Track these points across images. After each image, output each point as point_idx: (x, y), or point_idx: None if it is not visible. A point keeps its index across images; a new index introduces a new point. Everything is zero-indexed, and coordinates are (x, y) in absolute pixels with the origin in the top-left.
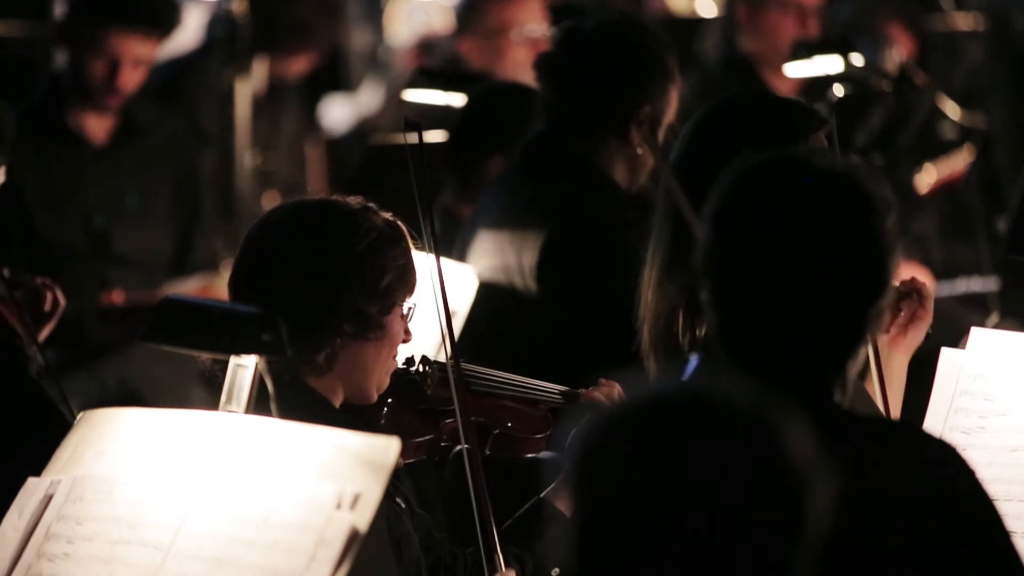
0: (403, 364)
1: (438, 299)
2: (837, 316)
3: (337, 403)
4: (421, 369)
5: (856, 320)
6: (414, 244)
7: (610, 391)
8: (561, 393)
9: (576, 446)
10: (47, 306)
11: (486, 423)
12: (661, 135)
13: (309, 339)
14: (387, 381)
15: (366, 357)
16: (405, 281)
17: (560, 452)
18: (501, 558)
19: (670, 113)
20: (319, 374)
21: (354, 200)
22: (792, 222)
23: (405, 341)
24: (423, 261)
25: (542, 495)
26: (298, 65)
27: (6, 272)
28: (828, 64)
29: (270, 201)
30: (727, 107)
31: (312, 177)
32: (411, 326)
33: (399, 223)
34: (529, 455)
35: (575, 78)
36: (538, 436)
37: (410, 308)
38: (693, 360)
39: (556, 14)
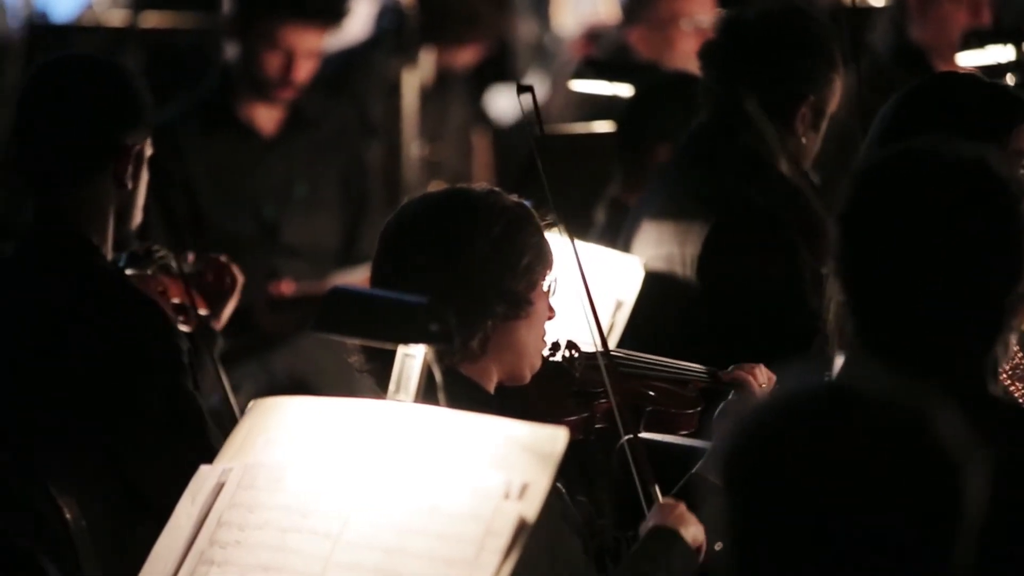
0: (551, 347)
1: (580, 282)
2: (978, 305)
3: (491, 388)
4: (567, 354)
5: (998, 307)
6: (546, 227)
7: (755, 372)
8: (707, 372)
9: (727, 444)
10: (225, 285)
11: (638, 402)
12: (824, 125)
13: (463, 325)
14: (539, 361)
15: (518, 336)
16: (543, 258)
17: (709, 434)
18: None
19: (834, 103)
20: (473, 359)
21: (479, 186)
22: (925, 215)
23: (550, 318)
24: (586, 248)
25: (695, 470)
26: (466, 56)
27: (190, 257)
28: (1001, 54)
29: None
30: (932, 88)
31: (478, 167)
32: (557, 304)
33: (524, 203)
34: (683, 431)
35: (740, 67)
36: (690, 411)
37: (551, 284)
38: (841, 357)
39: (725, 3)
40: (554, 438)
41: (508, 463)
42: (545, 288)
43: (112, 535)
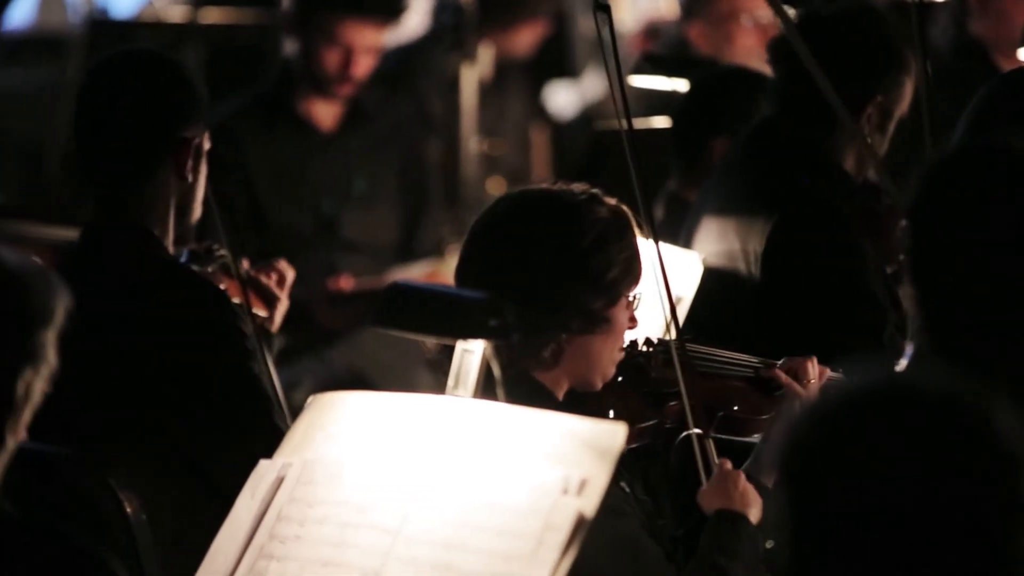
0: (627, 347)
1: (660, 281)
2: None
3: (561, 395)
4: (646, 350)
5: None
6: (639, 232)
7: (806, 365)
8: (759, 363)
9: (785, 437)
10: (281, 287)
11: (712, 404)
12: (892, 126)
13: (535, 335)
14: (612, 371)
15: (592, 350)
16: (631, 272)
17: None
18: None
19: (903, 105)
20: (545, 369)
21: (579, 188)
22: (994, 210)
23: (631, 328)
24: (645, 244)
25: (744, 467)
26: (523, 39)
27: (245, 263)
28: None
29: (495, 187)
30: (1015, 82)
31: (537, 163)
32: (636, 313)
33: (624, 210)
34: (754, 436)
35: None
36: (763, 417)
37: (635, 296)
38: (908, 351)
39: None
40: (613, 434)
41: (567, 458)
42: (629, 300)
43: (172, 530)
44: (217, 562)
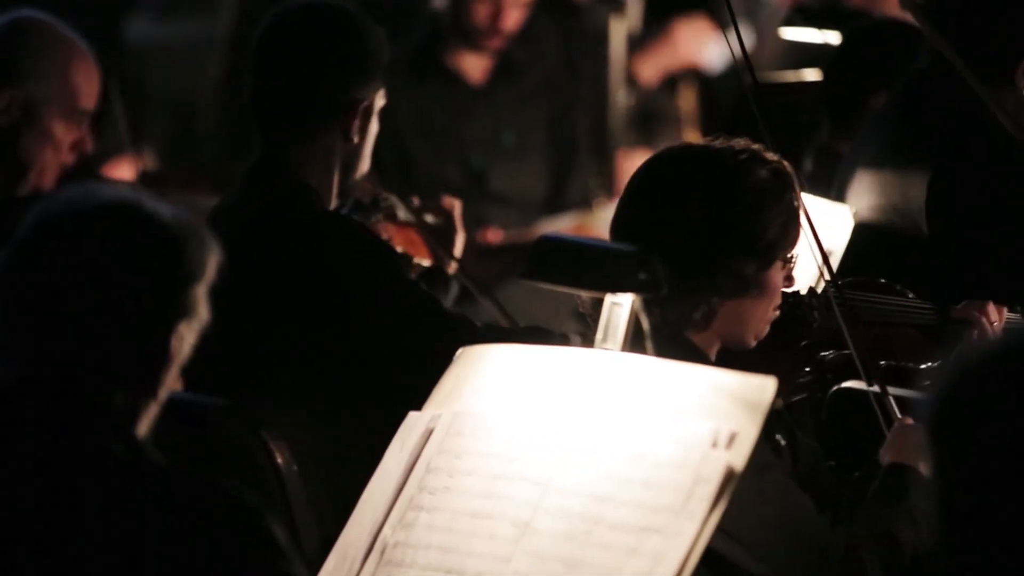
0: (787, 300)
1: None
2: None
3: (713, 355)
4: (806, 303)
5: None
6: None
7: (987, 309)
8: (936, 309)
9: (937, 396)
10: (451, 228)
11: (874, 354)
12: None
13: (686, 296)
14: (766, 330)
15: (744, 312)
16: (787, 235)
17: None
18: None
19: None
20: (697, 330)
21: (741, 145)
22: None
23: (787, 287)
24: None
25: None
26: None
27: (415, 200)
28: None
29: (643, 140)
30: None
31: (686, 117)
32: (797, 274)
33: (786, 169)
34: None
35: (961, 18)
36: (931, 366)
37: (792, 257)
38: None
39: None
40: (763, 387)
41: (716, 412)
42: (784, 262)
43: (323, 481)
44: (367, 513)
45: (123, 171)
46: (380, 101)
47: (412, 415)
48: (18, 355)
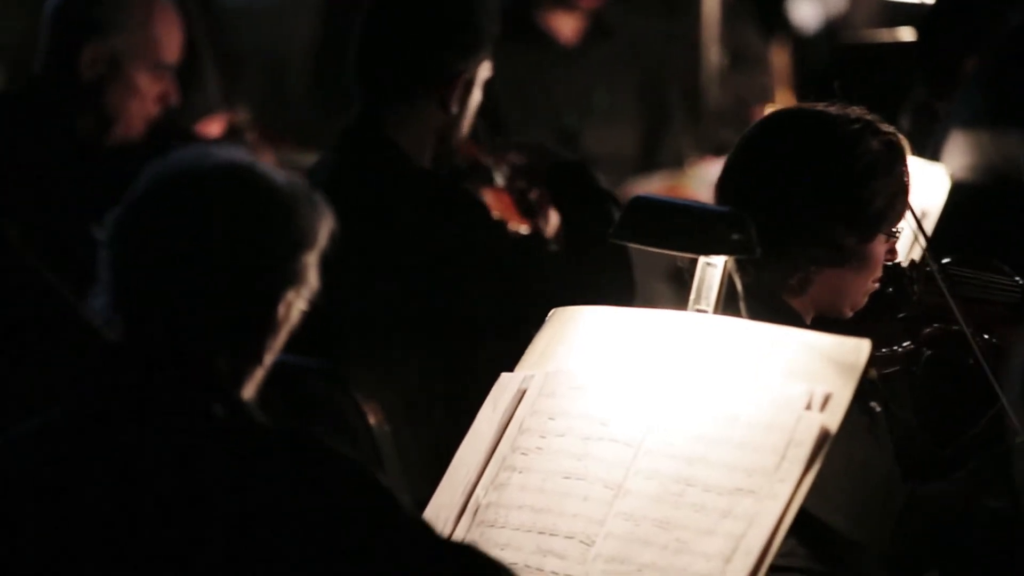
0: (888, 271)
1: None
2: None
3: (808, 321)
4: (908, 274)
5: None
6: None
7: None
8: None
9: None
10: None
11: (973, 330)
12: None
13: (783, 261)
14: (863, 301)
15: (842, 282)
16: (893, 209)
17: None
18: None
19: None
20: (792, 295)
21: (856, 113)
22: None
23: (889, 260)
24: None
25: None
26: None
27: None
28: None
29: (735, 99)
30: None
31: (779, 77)
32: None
33: (898, 140)
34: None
35: None
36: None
37: (896, 231)
38: None
39: None
40: (858, 348)
41: (810, 373)
42: (887, 235)
43: (416, 442)
44: (460, 473)
45: (215, 128)
46: (484, 73)
47: (504, 376)
48: (125, 313)
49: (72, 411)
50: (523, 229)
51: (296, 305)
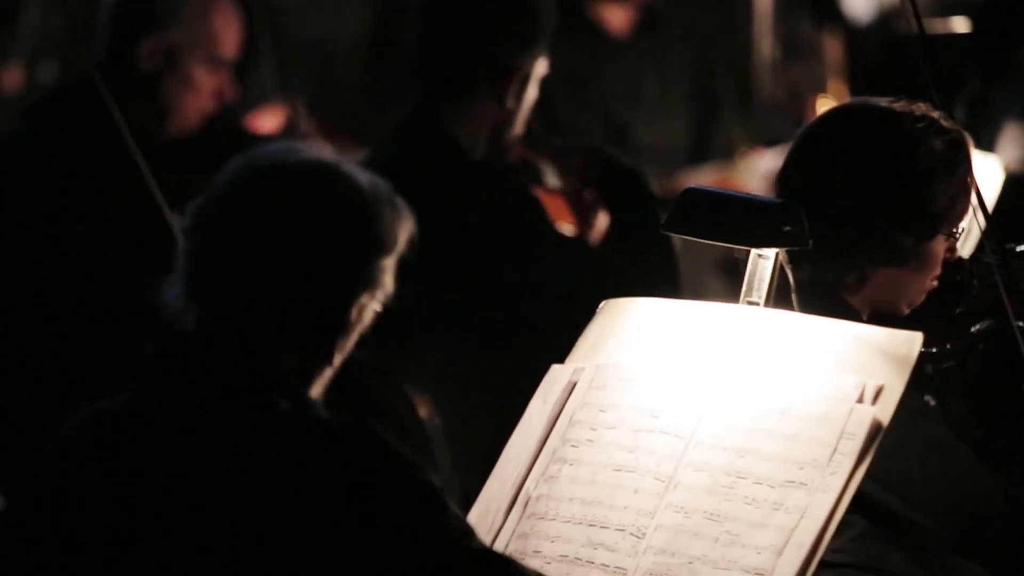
0: (946, 264)
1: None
2: None
3: (864, 317)
4: (967, 269)
5: None
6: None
7: None
8: None
9: None
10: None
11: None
12: None
13: (839, 258)
14: (920, 299)
15: (900, 281)
16: (954, 210)
17: None
18: None
19: None
20: (847, 292)
21: (920, 110)
22: None
23: (948, 259)
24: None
25: None
26: None
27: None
28: None
29: (787, 91)
30: None
31: (832, 68)
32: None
33: (962, 138)
34: None
35: None
36: None
37: (957, 231)
38: None
39: None
40: (910, 341)
41: (862, 366)
42: (948, 236)
43: (466, 433)
44: (510, 466)
45: (269, 121)
46: (540, 69)
47: (555, 368)
48: (199, 303)
49: (138, 396)
50: (569, 229)
51: (369, 308)
